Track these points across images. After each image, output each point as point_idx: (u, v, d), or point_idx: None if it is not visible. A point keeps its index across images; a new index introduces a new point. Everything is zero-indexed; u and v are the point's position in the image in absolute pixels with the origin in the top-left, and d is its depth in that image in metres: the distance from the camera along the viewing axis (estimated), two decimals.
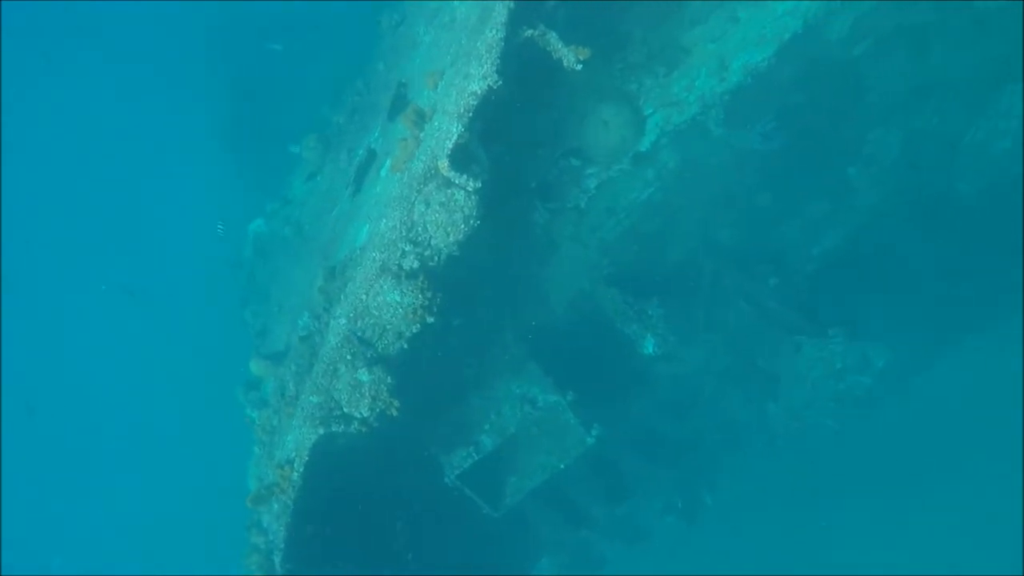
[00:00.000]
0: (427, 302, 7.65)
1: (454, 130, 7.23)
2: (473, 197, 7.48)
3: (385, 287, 7.61)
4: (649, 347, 10.28)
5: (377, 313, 7.73)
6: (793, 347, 11.07)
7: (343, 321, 7.78)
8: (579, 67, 7.64)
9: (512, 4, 7.60)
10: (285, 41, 14.97)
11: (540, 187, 9.63)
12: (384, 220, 7.68)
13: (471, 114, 7.21)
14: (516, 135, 8.76)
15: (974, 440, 14.08)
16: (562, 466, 10.10)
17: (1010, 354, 13.83)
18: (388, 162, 8.47)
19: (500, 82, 7.27)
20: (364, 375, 7.81)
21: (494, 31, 7.43)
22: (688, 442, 11.58)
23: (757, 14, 9.94)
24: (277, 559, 8.41)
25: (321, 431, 7.81)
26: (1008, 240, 13.05)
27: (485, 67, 7.23)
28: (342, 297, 7.99)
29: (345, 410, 7.86)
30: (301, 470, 7.97)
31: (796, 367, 11.11)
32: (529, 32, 7.73)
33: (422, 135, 7.85)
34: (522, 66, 7.98)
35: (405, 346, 7.93)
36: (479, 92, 7.19)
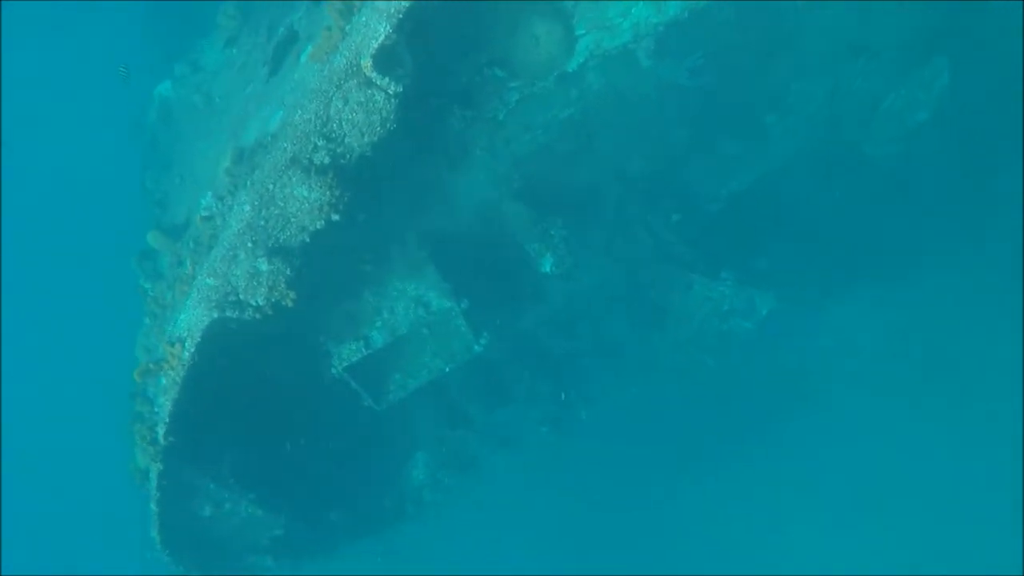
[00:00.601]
0: (334, 200, 7.60)
1: (381, 30, 7.05)
2: (393, 100, 7.38)
3: (294, 179, 7.51)
4: (547, 266, 10.48)
5: (283, 204, 7.64)
6: (685, 284, 11.45)
7: (247, 208, 7.67)
8: None
9: None
10: None
11: (460, 93, 9.51)
12: (299, 111, 7.51)
13: (401, 15, 7.03)
14: (444, 39, 8.59)
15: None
16: (447, 369, 10.39)
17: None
18: (309, 48, 8.21)
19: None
20: (263, 264, 7.77)
21: None
22: (571, 358, 11.97)
23: None
24: (160, 431, 8.48)
25: (215, 314, 7.79)
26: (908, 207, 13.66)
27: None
28: (248, 183, 7.85)
29: (241, 297, 7.84)
30: (192, 350, 7.97)
31: (686, 303, 11.51)
32: None
33: (348, 27, 7.61)
34: None
35: (307, 239, 7.89)
36: None
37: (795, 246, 13.44)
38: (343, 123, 7.43)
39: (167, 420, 8.33)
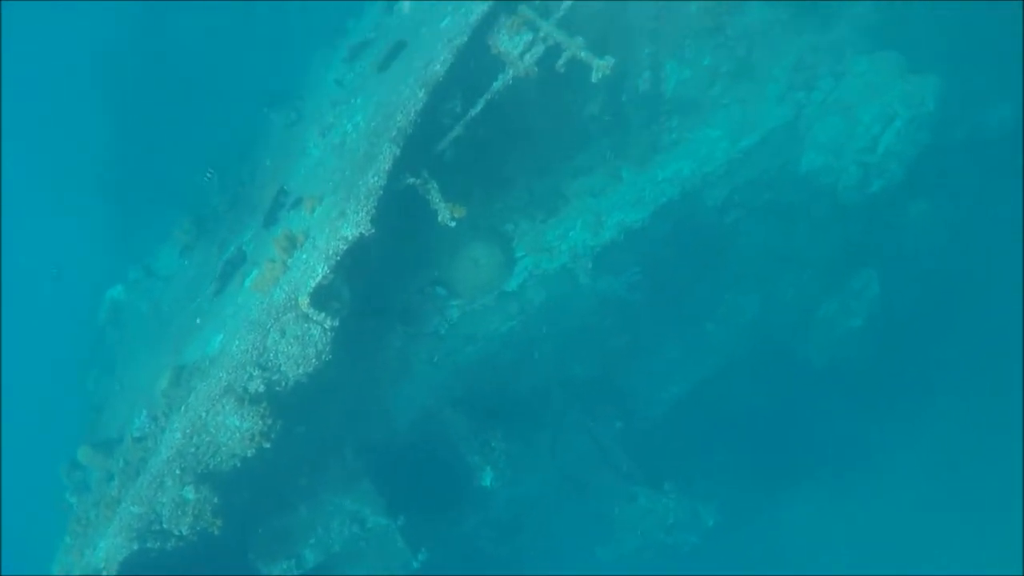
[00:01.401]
0: (266, 428, 7.62)
1: (319, 271, 7.31)
2: (329, 334, 7.55)
3: (226, 408, 7.55)
4: (487, 480, 10.45)
5: (214, 432, 7.64)
6: (628, 496, 11.44)
7: (178, 435, 7.66)
8: (452, 224, 7.86)
9: (398, 151, 7.78)
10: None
11: (402, 310, 9.76)
12: (237, 341, 7.65)
13: (339, 257, 7.32)
14: (385, 264, 8.88)
15: None
16: None
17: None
18: (254, 273, 8.45)
19: (373, 230, 7.42)
20: (190, 492, 7.69)
21: (376, 177, 7.59)
22: (513, 564, 11.75)
23: (639, 177, 10.49)
24: None
25: (135, 546, 7.62)
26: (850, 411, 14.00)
27: (360, 214, 7.38)
28: (183, 408, 7.87)
29: (165, 526, 7.70)
30: None
31: (629, 514, 11.46)
32: (412, 180, 7.93)
33: (290, 261, 7.88)
34: (401, 205, 8.17)
35: (237, 465, 7.85)
36: (350, 238, 7.32)
37: (738, 451, 13.63)
38: (279, 354, 7.57)
39: None
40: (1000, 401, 15.10)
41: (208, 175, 11.10)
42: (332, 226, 7.59)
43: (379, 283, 8.97)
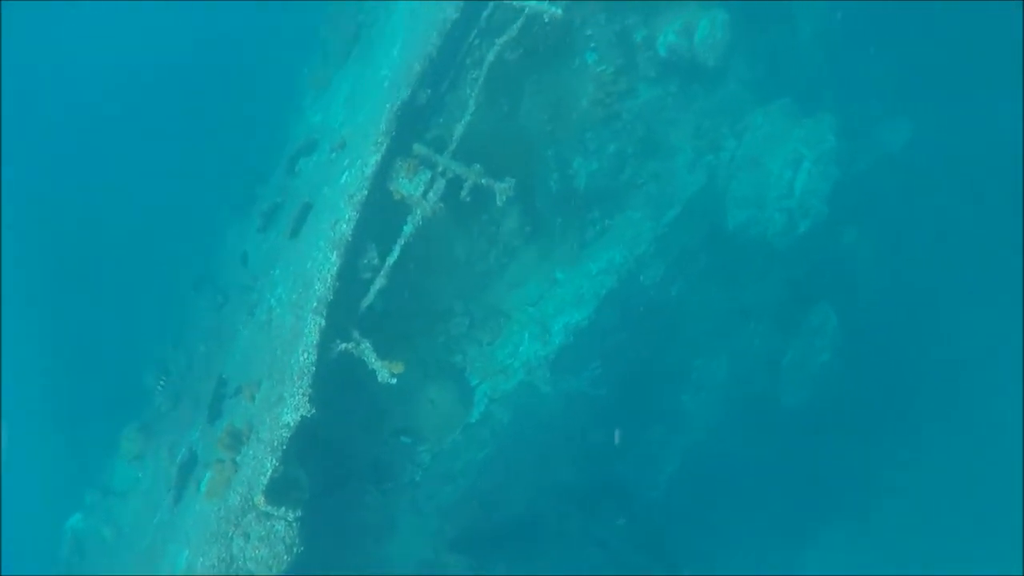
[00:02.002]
0: None
1: (268, 465, 7.03)
2: (295, 526, 7.21)
3: None
4: None
5: None
6: None
7: None
8: (393, 381, 7.66)
9: (323, 321, 7.62)
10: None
11: (371, 469, 9.45)
12: (201, 557, 7.27)
13: (285, 447, 7.05)
14: (339, 432, 8.62)
15: None
16: None
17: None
18: (207, 476, 8.11)
19: (313, 410, 7.20)
20: None
21: (306, 354, 7.40)
22: None
23: (574, 275, 10.40)
24: None
25: None
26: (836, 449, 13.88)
27: (297, 397, 7.16)
28: None
29: None
30: None
31: None
32: (343, 346, 7.75)
33: (239, 459, 7.58)
34: (339, 372, 7.97)
35: None
36: (292, 424, 7.07)
37: (748, 513, 13.37)
38: (248, 560, 7.20)
39: None
40: (990, 399, 15.15)
41: (160, 384, 10.86)
42: (272, 414, 7.34)
43: (338, 452, 8.67)
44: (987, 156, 14.32)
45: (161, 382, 10.85)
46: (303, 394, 7.14)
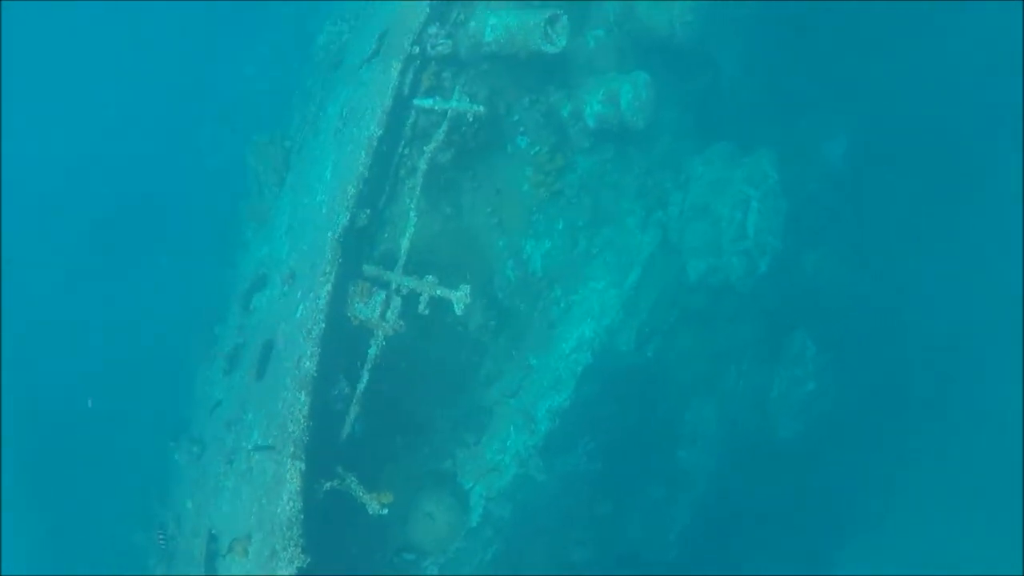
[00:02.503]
0: None
1: None
2: None
3: None
4: None
5: None
6: None
7: None
8: (385, 512, 7.48)
9: (302, 464, 7.44)
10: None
11: None
12: None
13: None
14: (340, 563, 8.39)
15: None
16: None
17: None
18: None
19: (309, 559, 7.00)
20: None
21: (291, 503, 7.22)
22: None
23: (548, 358, 10.32)
24: None
25: None
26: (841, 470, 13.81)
27: (289, 550, 6.96)
28: None
29: None
30: None
31: None
32: (329, 484, 7.58)
33: None
34: (329, 510, 7.78)
35: None
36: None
37: (768, 556, 13.21)
38: None
39: None
40: (980, 388, 15.23)
41: (160, 539, 10.56)
42: (268, 568, 7.12)
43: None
44: (927, 152, 14.55)
45: (161, 539, 10.55)
46: (295, 545, 6.96)
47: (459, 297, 7.58)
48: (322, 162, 9.35)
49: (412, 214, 8.30)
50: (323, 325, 7.85)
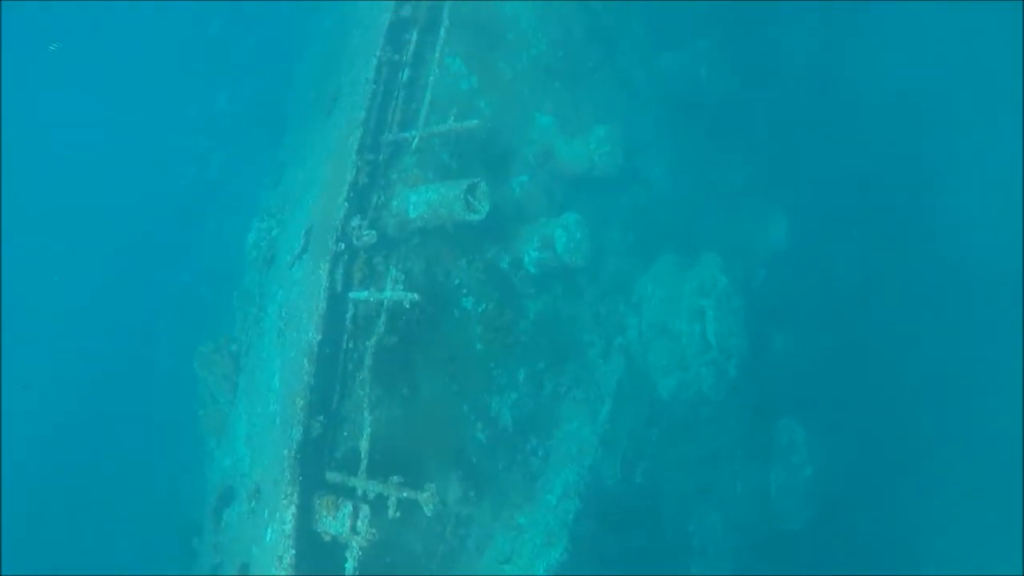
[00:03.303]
0: None
1: None
2: None
3: None
4: None
5: None
6: None
7: None
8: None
9: None
10: None
11: None
12: None
13: None
14: None
15: None
16: None
17: None
18: None
19: None
20: None
21: None
22: None
23: (535, 513, 9.98)
24: None
25: None
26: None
27: None
28: None
29: None
30: None
31: None
32: None
33: None
34: None
35: None
36: None
37: None
38: None
39: None
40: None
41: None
42: None
43: None
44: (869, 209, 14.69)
45: None
46: None
47: (425, 498, 7.34)
48: (270, 366, 9.16)
49: (366, 412, 8.07)
50: (293, 552, 7.55)
